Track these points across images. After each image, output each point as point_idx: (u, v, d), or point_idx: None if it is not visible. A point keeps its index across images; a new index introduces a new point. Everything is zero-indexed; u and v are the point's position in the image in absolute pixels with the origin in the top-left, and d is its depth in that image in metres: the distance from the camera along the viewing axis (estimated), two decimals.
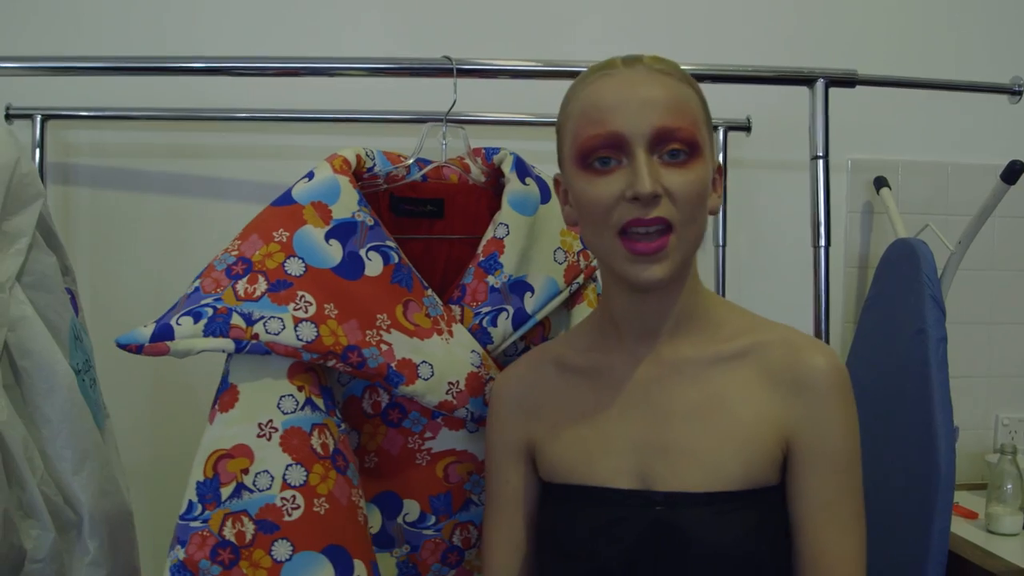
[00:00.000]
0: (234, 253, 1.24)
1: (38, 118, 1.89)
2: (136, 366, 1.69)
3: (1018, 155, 1.95)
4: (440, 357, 1.28)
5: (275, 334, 1.18)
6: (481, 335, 1.34)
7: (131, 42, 1.97)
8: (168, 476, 1.96)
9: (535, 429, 1.20)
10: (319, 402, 1.22)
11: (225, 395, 1.21)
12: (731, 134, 2.13)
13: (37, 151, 1.89)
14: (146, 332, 1.18)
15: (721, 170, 1.13)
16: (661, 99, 1.03)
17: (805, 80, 1.61)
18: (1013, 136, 2.34)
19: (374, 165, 1.39)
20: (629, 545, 1.06)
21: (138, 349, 1.18)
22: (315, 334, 1.20)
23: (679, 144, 1.02)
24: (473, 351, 1.31)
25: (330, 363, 1.22)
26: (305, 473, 1.17)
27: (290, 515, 1.16)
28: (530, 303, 1.37)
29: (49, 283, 1.42)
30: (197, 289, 1.22)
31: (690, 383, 1.11)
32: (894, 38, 2.32)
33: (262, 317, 1.19)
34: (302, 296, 1.21)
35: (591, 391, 1.17)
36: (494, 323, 1.35)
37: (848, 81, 1.62)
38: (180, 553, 1.15)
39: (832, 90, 1.63)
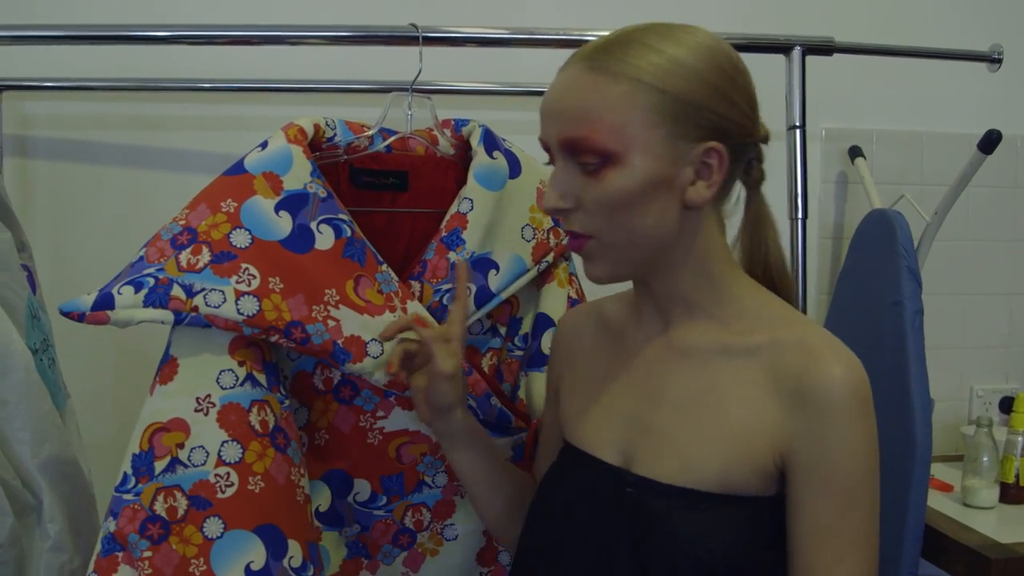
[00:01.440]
0: (181, 222, 1.21)
1: None
2: (98, 342, 1.66)
3: (992, 124, 1.93)
4: None
5: (215, 307, 1.15)
6: (441, 313, 1.31)
7: (88, 10, 1.91)
8: None
9: (564, 374, 1.23)
10: (261, 378, 1.19)
11: (165, 367, 1.18)
12: None
13: None
14: (88, 300, 1.15)
15: (720, 155, 0.99)
16: (569, 108, 0.98)
17: (781, 48, 1.57)
18: (987, 105, 2.32)
19: (335, 135, 1.35)
20: (603, 517, 1.05)
21: (80, 317, 1.15)
22: (257, 308, 1.16)
23: (589, 156, 0.97)
24: None
25: (272, 338, 1.19)
26: (241, 450, 1.15)
27: (223, 492, 1.13)
28: (494, 281, 1.34)
29: (4, 260, 1.39)
30: (142, 258, 1.19)
31: (691, 371, 1.06)
32: (871, 5, 2.28)
33: (203, 289, 1.15)
34: (246, 269, 1.18)
35: (608, 358, 1.16)
36: None
37: (825, 49, 1.59)
38: (112, 525, 1.13)
39: (807, 58, 1.60)
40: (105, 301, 1.15)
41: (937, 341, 2.29)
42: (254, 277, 1.18)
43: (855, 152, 2.24)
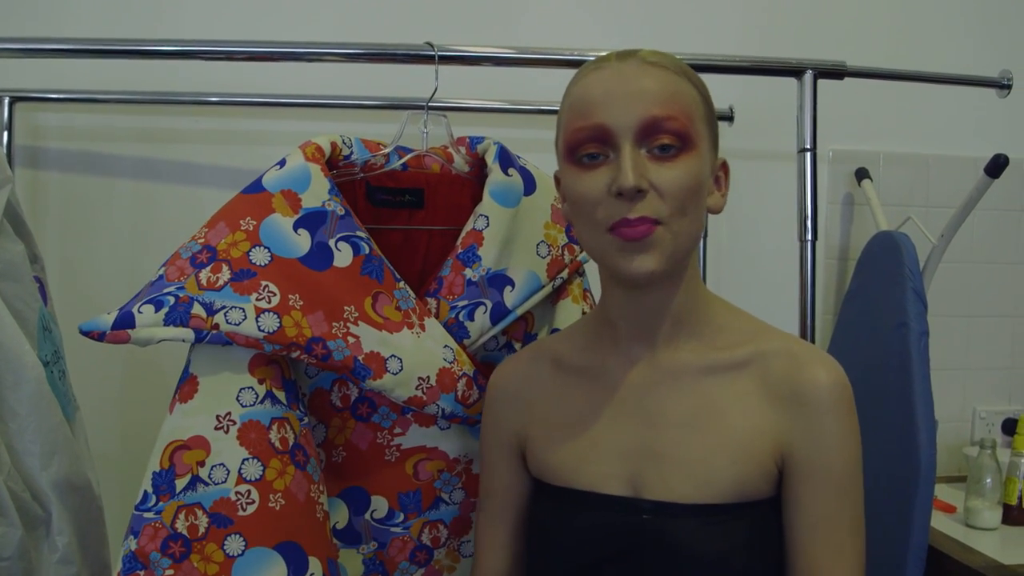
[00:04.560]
0: (200, 241, 1.22)
1: (6, 100, 1.85)
2: (107, 356, 1.67)
3: (999, 148, 1.93)
4: (410, 351, 1.25)
5: (236, 324, 1.16)
6: (457, 329, 1.31)
7: (103, 24, 1.93)
8: (139, 467, 1.94)
9: (527, 426, 1.19)
10: (280, 395, 1.20)
11: (185, 385, 1.19)
12: None
13: (4, 134, 1.85)
14: (108, 319, 1.16)
15: (727, 168, 1.10)
16: (650, 89, 1.00)
17: (793, 71, 1.58)
18: (994, 129, 2.34)
19: (351, 153, 1.35)
20: (617, 551, 1.04)
21: (100, 336, 1.15)
22: (277, 325, 1.17)
23: (669, 137, 0.99)
24: (446, 346, 1.28)
25: (294, 355, 1.19)
26: (262, 468, 1.15)
27: (244, 510, 1.13)
28: (510, 297, 1.34)
29: (17, 272, 1.38)
30: (161, 277, 1.20)
31: (686, 391, 1.08)
32: (882, 29, 2.30)
33: (223, 307, 1.16)
34: (266, 286, 1.18)
35: (585, 393, 1.14)
36: (471, 317, 1.32)
37: (837, 73, 1.60)
38: (132, 544, 1.13)
39: (818, 82, 1.61)
40: (125, 320, 1.15)
41: (941, 362, 2.30)
42: (274, 294, 1.18)
43: (862, 174, 2.25)
